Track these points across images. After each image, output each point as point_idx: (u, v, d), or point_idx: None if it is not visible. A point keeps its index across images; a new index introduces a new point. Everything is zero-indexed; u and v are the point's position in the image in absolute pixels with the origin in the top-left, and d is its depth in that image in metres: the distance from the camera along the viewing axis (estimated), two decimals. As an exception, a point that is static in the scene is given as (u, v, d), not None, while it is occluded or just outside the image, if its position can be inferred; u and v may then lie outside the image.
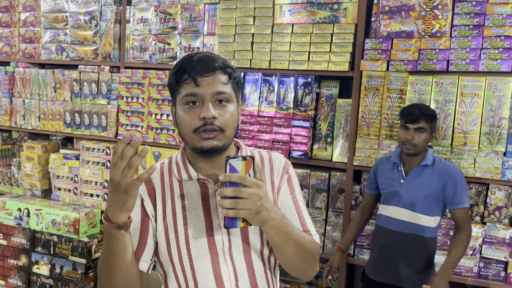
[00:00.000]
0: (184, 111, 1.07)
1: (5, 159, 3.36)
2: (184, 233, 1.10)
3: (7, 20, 3.23)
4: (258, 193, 0.94)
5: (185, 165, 1.14)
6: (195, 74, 1.04)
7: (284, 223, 1.02)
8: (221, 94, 1.06)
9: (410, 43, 2.13)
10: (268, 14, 2.40)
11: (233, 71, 1.10)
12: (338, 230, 2.35)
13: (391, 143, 2.19)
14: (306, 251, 1.08)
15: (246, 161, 0.96)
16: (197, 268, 1.10)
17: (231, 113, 1.08)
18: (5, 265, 2.90)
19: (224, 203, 0.93)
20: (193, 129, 1.05)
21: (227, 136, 1.08)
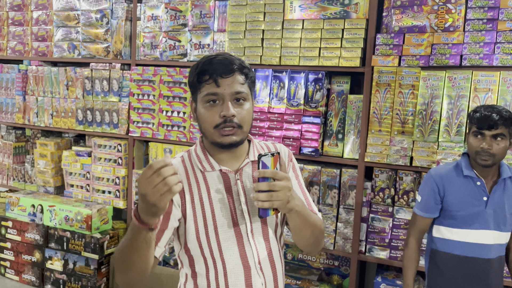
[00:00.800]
0: (205, 108, 1.18)
1: (18, 156, 3.41)
2: (212, 220, 1.21)
3: (20, 19, 3.27)
4: (288, 185, 1.07)
5: (206, 157, 1.25)
6: (216, 76, 1.15)
7: (304, 209, 1.16)
8: (239, 93, 1.17)
9: (422, 38, 2.11)
10: (278, 10, 2.39)
11: (249, 71, 1.22)
12: (350, 227, 2.34)
13: (403, 139, 2.17)
14: (319, 230, 1.26)
15: (274, 157, 1.09)
16: (225, 250, 1.22)
17: (247, 111, 1.19)
18: (19, 260, 2.95)
19: (259, 196, 1.05)
20: (214, 126, 1.17)
21: (244, 131, 1.20)
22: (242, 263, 1.23)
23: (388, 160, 2.20)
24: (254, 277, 1.23)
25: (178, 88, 2.67)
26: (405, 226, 2.22)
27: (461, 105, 2.07)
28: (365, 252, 2.32)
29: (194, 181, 1.23)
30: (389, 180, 2.26)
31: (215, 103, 1.17)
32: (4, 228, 2.99)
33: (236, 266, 1.22)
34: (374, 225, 2.29)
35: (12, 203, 3.00)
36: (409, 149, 2.16)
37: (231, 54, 1.22)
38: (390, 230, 2.26)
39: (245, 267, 1.23)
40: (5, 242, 2.99)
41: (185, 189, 1.22)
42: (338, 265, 2.59)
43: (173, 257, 2.65)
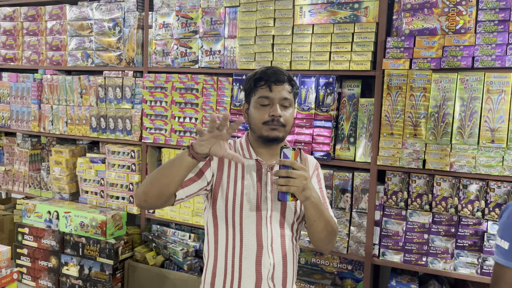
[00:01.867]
0: (257, 108, 1.42)
1: (34, 164, 3.47)
2: (240, 197, 1.42)
3: (34, 29, 3.33)
4: (304, 174, 1.24)
5: (248, 148, 1.49)
6: (270, 82, 1.40)
7: (320, 202, 1.33)
8: (286, 100, 1.42)
9: (433, 40, 2.10)
10: (288, 16, 2.40)
11: (295, 84, 1.47)
12: (363, 231, 2.33)
13: (415, 142, 2.16)
14: (332, 228, 1.40)
15: (295, 151, 1.27)
16: (245, 226, 1.42)
17: (291, 114, 1.44)
18: (36, 266, 2.99)
19: (279, 181, 1.24)
20: (263, 122, 1.40)
21: (286, 131, 1.43)
22: (256, 241, 1.42)
23: (401, 163, 2.20)
24: (264, 255, 1.41)
25: (190, 94, 2.70)
26: (419, 230, 2.21)
27: (473, 107, 2.06)
28: (379, 256, 2.31)
29: (233, 163, 1.45)
30: (402, 183, 2.25)
31: (266, 105, 1.40)
32: (21, 235, 3.04)
33: (251, 241, 1.42)
34: (388, 228, 2.28)
35: (28, 209, 3.05)
36: (421, 152, 2.15)
37: (282, 68, 1.46)
38: (404, 233, 2.25)
39: (259, 245, 1.42)
40: (22, 249, 3.04)
41: (225, 165, 1.45)
42: (352, 269, 2.58)
43: (186, 262, 2.66)
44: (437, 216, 2.18)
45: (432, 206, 2.20)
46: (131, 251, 2.86)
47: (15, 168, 3.52)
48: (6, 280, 1.54)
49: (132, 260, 2.81)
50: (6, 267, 1.68)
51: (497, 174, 2.02)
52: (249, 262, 1.42)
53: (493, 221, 2.08)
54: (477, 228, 2.11)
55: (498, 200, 2.06)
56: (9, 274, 1.58)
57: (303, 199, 1.27)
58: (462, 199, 2.14)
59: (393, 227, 2.27)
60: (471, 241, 2.12)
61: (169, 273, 2.64)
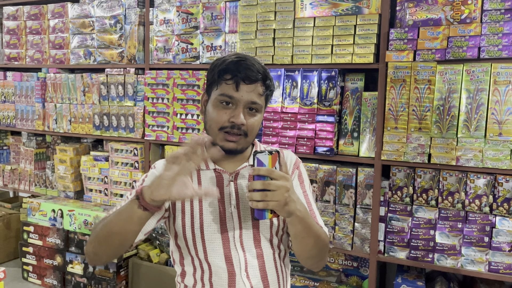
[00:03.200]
0: (216, 107, 1.15)
1: (40, 162, 3.48)
2: (199, 219, 1.18)
3: (37, 28, 3.33)
4: (286, 185, 0.98)
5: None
6: (238, 79, 1.13)
7: (307, 216, 1.07)
8: (254, 104, 1.16)
9: (438, 31, 2.04)
10: (289, 9, 2.36)
11: (271, 83, 1.20)
12: (367, 227, 2.29)
13: (420, 136, 2.10)
14: (323, 242, 1.15)
15: (272, 155, 1.01)
16: (209, 252, 1.18)
17: (257, 121, 1.18)
18: (41, 265, 3.00)
19: (253, 195, 0.97)
20: (219, 127, 1.14)
21: (248, 141, 1.19)
22: (227, 267, 1.18)
23: (405, 158, 2.15)
24: (238, 284, 1.17)
25: (192, 90, 2.67)
26: (425, 225, 2.16)
27: (480, 99, 2.00)
28: (384, 252, 2.27)
29: None
30: (407, 178, 2.20)
31: (228, 105, 1.14)
32: (26, 233, 3.05)
33: (220, 269, 1.18)
34: (393, 224, 2.23)
35: (33, 208, 3.06)
36: (426, 146, 2.10)
37: (258, 61, 1.18)
38: (410, 229, 2.20)
39: (230, 273, 1.18)
40: (27, 247, 3.05)
41: None
42: (357, 266, 2.54)
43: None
44: (444, 211, 2.13)
45: (438, 201, 2.14)
46: (135, 249, 2.85)
47: (21, 167, 3.53)
48: None
49: (136, 258, 2.80)
50: None
51: (506, 168, 1.96)
52: None
53: (502, 216, 2.02)
54: (485, 224, 2.05)
55: (507, 195, 2.00)
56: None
57: (286, 215, 1.01)
58: (469, 194, 2.08)
59: (398, 223, 2.22)
60: (478, 237, 2.06)
61: (173, 270, 2.62)
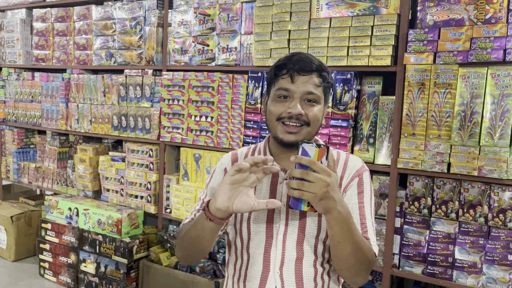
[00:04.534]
0: (274, 101, 1.17)
1: (62, 161, 3.55)
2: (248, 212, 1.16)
3: (64, 29, 3.42)
4: (326, 179, 0.95)
5: (265, 152, 1.25)
6: (293, 71, 1.14)
7: (349, 220, 1.02)
8: (311, 94, 1.14)
9: (460, 32, 1.91)
10: (305, 9, 2.29)
11: (328, 75, 1.18)
12: (381, 239, 2.16)
13: (439, 143, 1.97)
14: (363, 256, 1.08)
15: (320, 149, 0.99)
16: (251, 243, 1.19)
17: (318, 111, 1.16)
18: (57, 262, 3.04)
19: (291, 182, 0.96)
20: (277, 117, 1.15)
21: (310, 132, 1.15)
22: (263, 262, 1.18)
23: (423, 167, 2.02)
24: (269, 281, 1.17)
25: (206, 92, 2.64)
26: (444, 240, 2.02)
27: (506, 105, 1.85)
28: (399, 266, 2.13)
29: None
30: (425, 189, 2.07)
31: (285, 99, 1.15)
32: (44, 230, 3.10)
33: (257, 262, 1.19)
34: (409, 237, 2.10)
35: (51, 206, 3.11)
36: (446, 154, 1.96)
37: (313, 56, 1.20)
38: (427, 243, 2.06)
39: (264, 268, 1.18)
40: (44, 244, 3.10)
41: None
42: (372, 279, 2.40)
43: (199, 264, 2.60)
44: (464, 225, 1.98)
45: (458, 214, 2.00)
46: (146, 251, 2.84)
47: (45, 165, 3.61)
48: None
49: (147, 260, 2.78)
50: None
51: (533, 180, 1.80)
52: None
53: (528, 233, 1.85)
54: (509, 241, 1.88)
55: (534, 210, 1.84)
56: None
57: (322, 210, 0.98)
58: (492, 207, 1.92)
59: (415, 236, 2.08)
60: (502, 255, 1.90)
61: (182, 274, 2.58)
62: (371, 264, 1.11)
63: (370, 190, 1.21)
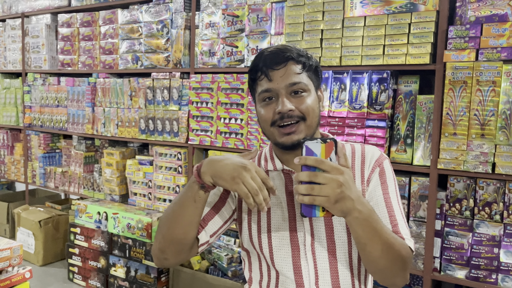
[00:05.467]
0: (262, 107, 1.08)
1: (88, 166, 3.55)
2: (267, 223, 1.09)
3: (89, 34, 3.43)
4: (338, 179, 0.84)
5: (272, 158, 1.16)
6: (266, 69, 1.05)
7: (373, 218, 0.91)
8: (295, 85, 1.04)
9: (504, 28, 1.85)
10: (338, 8, 2.25)
11: (308, 59, 1.08)
12: (421, 242, 2.10)
13: (483, 142, 1.91)
14: (396, 254, 0.96)
15: (327, 144, 0.86)
16: (277, 260, 1.08)
17: (310, 101, 1.05)
18: (86, 266, 3.04)
19: (299, 188, 0.85)
20: (270, 123, 1.06)
21: (309, 125, 1.05)
22: (295, 278, 1.07)
23: (465, 167, 1.95)
24: None
25: (236, 94, 2.61)
26: (488, 243, 1.95)
27: (554, 102, 1.78)
28: (440, 270, 2.07)
29: None
30: (467, 190, 2.00)
31: (271, 100, 1.06)
32: (73, 234, 3.10)
33: (288, 279, 1.07)
34: (450, 240, 2.03)
35: (80, 210, 3.11)
36: (490, 154, 1.90)
37: (288, 45, 1.10)
38: (470, 246, 1.99)
39: (298, 284, 1.06)
40: (73, 248, 3.10)
41: None
42: (410, 284, 2.34)
43: (231, 268, 2.56)
44: (510, 227, 1.91)
45: (503, 216, 1.93)
46: (176, 255, 2.81)
47: (71, 170, 3.62)
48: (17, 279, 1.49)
49: (177, 264, 2.75)
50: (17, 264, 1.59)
51: None
52: None
53: None
54: None
55: None
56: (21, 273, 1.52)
57: (339, 214, 0.87)
58: (540, 209, 1.85)
59: (457, 239, 2.02)
60: None
61: (213, 279, 2.55)
62: (407, 261, 1.00)
63: (394, 178, 1.11)
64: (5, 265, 1.49)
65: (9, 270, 1.56)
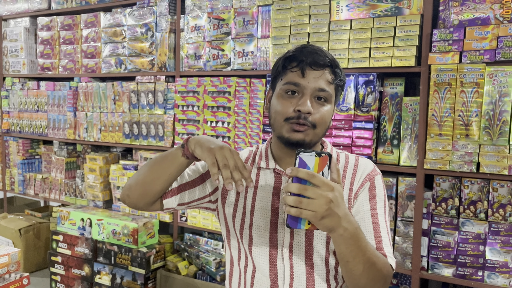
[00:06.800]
0: (281, 97, 1.06)
1: (70, 172, 3.48)
2: (250, 218, 1.10)
3: (70, 37, 3.37)
4: (327, 195, 0.82)
5: (267, 156, 1.15)
6: (304, 65, 1.03)
7: (358, 237, 0.90)
8: (323, 91, 1.04)
9: (486, 31, 1.91)
10: (324, 12, 2.27)
11: (341, 72, 1.09)
12: (409, 241, 2.13)
13: (467, 143, 1.96)
14: (378, 273, 0.96)
15: (321, 158, 0.85)
16: (255, 257, 1.10)
17: (326, 112, 1.06)
18: (69, 275, 2.96)
19: (287, 199, 0.84)
20: (285, 118, 1.04)
21: (317, 134, 1.06)
22: (270, 277, 1.07)
23: (451, 167, 2.00)
24: None
25: (222, 97, 2.61)
26: (473, 240, 1.99)
27: (535, 103, 1.84)
28: (428, 269, 2.11)
29: None
30: (453, 189, 2.05)
31: (294, 95, 1.05)
32: (55, 242, 3.03)
33: (264, 277, 1.08)
34: (437, 239, 2.07)
35: (63, 217, 3.04)
36: (474, 154, 1.95)
37: (325, 49, 1.11)
38: (456, 244, 2.03)
39: (273, 283, 1.07)
40: (56, 256, 3.02)
41: None
42: (397, 283, 2.37)
43: (219, 272, 2.54)
44: (495, 225, 1.96)
45: (488, 214, 1.98)
46: (163, 261, 2.78)
47: (52, 176, 3.54)
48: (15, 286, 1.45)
49: (164, 270, 2.72)
50: (15, 271, 1.55)
51: None
52: None
53: (561, 231, 1.84)
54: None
55: None
56: (18, 280, 1.47)
57: (325, 230, 0.87)
58: (523, 206, 1.91)
59: (443, 237, 2.06)
60: None
61: (202, 284, 2.53)
62: (387, 280, 1.00)
63: (384, 195, 1.11)
64: (3, 271, 1.44)
65: (6, 277, 1.51)
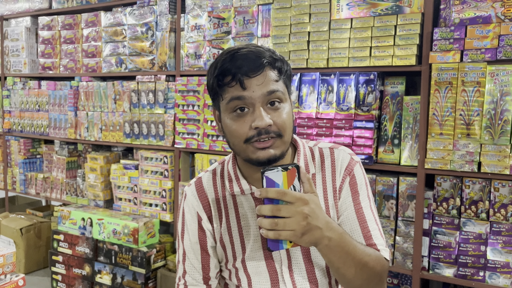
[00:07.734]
0: (231, 119, 0.94)
1: (71, 171, 3.48)
2: (242, 251, 1.04)
3: (71, 37, 3.37)
4: (303, 210, 0.78)
5: (237, 177, 1.04)
6: (241, 76, 0.90)
7: (344, 242, 0.86)
8: (273, 93, 0.92)
9: (487, 29, 1.89)
10: (324, 10, 2.26)
11: (283, 64, 0.97)
12: (410, 241, 2.12)
13: (469, 142, 1.94)
14: (371, 272, 0.92)
15: (288, 172, 0.80)
16: (255, 286, 1.04)
17: (287, 114, 0.94)
18: (70, 274, 2.97)
19: (262, 223, 0.79)
20: (245, 140, 0.93)
21: (285, 142, 0.95)
22: None
23: (452, 166, 1.98)
24: None
25: (223, 97, 2.59)
26: (475, 240, 1.98)
27: (536, 102, 1.82)
28: (428, 269, 2.10)
29: (222, 205, 1.06)
30: (454, 189, 2.04)
31: (243, 111, 0.92)
32: (56, 242, 3.03)
33: None
34: (438, 239, 2.06)
35: (63, 216, 3.04)
36: (476, 153, 1.93)
37: (258, 45, 0.97)
38: (457, 244, 2.02)
39: None
40: (57, 256, 3.02)
41: (214, 214, 1.07)
42: (398, 283, 2.36)
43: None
44: (496, 225, 1.95)
45: (489, 214, 1.97)
46: (163, 260, 2.77)
47: (53, 176, 3.54)
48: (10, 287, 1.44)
49: (165, 269, 2.72)
50: (10, 272, 1.53)
51: None
52: None
53: None
54: None
55: None
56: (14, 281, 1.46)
57: (308, 245, 0.83)
58: (524, 206, 1.89)
59: (444, 237, 2.05)
60: None
61: None
62: (383, 275, 0.97)
63: (365, 183, 1.04)
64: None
65: (2, 278, 1.50)
